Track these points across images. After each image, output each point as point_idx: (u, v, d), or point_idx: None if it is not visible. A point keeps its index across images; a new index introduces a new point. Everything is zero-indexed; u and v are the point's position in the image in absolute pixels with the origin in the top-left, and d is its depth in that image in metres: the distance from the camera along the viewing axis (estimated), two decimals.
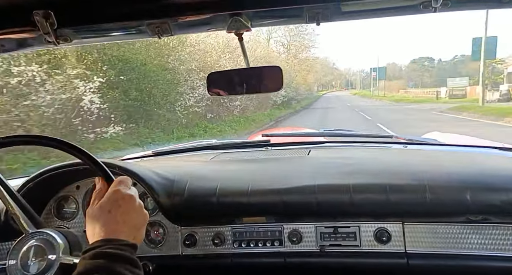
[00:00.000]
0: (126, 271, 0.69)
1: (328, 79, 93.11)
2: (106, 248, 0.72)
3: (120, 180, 0.86)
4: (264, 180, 1.24)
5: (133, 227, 0.79)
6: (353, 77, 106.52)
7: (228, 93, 1.20)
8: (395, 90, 61.05)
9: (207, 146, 1.85)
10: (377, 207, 1.14)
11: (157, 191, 1.21)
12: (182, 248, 1.23)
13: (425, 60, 78.28)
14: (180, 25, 0.85)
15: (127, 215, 0.79)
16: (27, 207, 0.99)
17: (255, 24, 0.84)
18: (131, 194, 0.83)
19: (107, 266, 0.69)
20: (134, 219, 0.80)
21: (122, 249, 0.72)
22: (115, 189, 0.82)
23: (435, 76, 67.37)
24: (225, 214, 1.22)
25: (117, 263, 0.70)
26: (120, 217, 0.78)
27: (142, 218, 0.83)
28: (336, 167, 1.29)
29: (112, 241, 0.74)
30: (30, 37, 0.86)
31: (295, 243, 1.19)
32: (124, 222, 0.78)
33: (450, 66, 68.78)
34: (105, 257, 0.70)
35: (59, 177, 1.25)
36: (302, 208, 1.17)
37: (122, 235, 0.76)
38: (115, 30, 0.89)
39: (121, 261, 0.70)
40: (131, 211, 0.80)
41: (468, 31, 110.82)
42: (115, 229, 0.76)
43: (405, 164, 1.32)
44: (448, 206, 1.10)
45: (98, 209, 0.80)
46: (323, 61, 74.90)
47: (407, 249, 1.13)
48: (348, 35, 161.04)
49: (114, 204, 0.79)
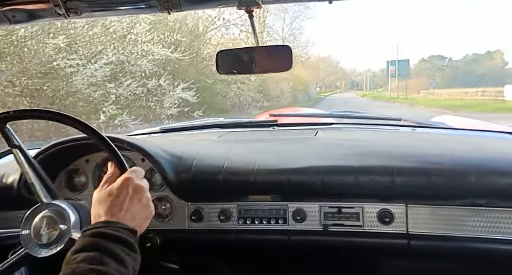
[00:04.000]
0: (122, 252, 0.70)
1: (332, 79, 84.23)
2: (106, 229, 0.73)
3: (133, 169, 0.87)
4: (271, 159, 1.24)
5: (136, 217, 0.80)
6: (359, 77, 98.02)
7: (237, 72, 1.20)
8: (414, 91, 46.32)
9: (214, 124, 1.85)
10: (382, 189, 1.14)
11: (165, 167, 1.22)
12: (189, 223, 1.26)
13: (435, 59, 73.00)
14: (190, 1, 0.84)
15: (133, 204, 0.80)
16: (44, 177, 1.00)
17: (266, 1, 0.83)
18: (141, 184, 0.84)
19: (104, 245, 0.70)
20: (139, 210, 0.81)
21: (121, 232, 0.74)
22: (127, 177, 0.83)
23: (447, 76, 62.36)
24: (231, 191, 1.23)
25: (114, 244, 0.71)
26: (126, 205, 0.79)
27: (148, 210, 0.84)
28: (342, 148, 1.29)
29: (113, 223, 0.75)
30: (40, 9, 0.86)
31: (299, 222, 1.20)
32: (128, 210, 0.79)
33: (462, 65, 65.13)
34: (103, 237, 0.71)
35: (69, 150, 1.27)
36: (307, 187, 1.18)
37: (123, 221, 0.77)
38: (125, 4, 0.89)
39: (119, 242, 0.71)
40: (138, 201, 0.81)
41: (480, 29, 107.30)
42: (118, 214, 0.77)
43: (412, 146, 1.31)
44: (454, 189, 1.10)
45: (106, 192, 0.81)
46: (326, 59, 68.81)
47: (409, 230, 1.14)
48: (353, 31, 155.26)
49: (123, 190, 0.80)
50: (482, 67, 57.31)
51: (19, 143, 0.99)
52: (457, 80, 50.50)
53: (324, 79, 72.40)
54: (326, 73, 70.74)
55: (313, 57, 39.16)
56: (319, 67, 58.65)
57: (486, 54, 64.16)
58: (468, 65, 61.98)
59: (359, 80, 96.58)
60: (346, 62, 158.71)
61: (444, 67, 67.44)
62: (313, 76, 47.69)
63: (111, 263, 0.67)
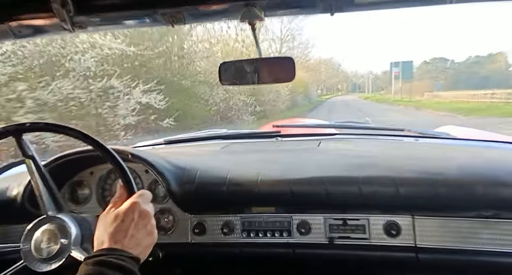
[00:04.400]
0: None
1: (333, 82, 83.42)
2: (109, 257, 0.73)
3: (141, 193, 0.87)
4: (274, 170, 1.24)
5: (140, 243, 0.79)
6: (361, 80, 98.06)
7: (240, 83, 1.20)
8: (417, 93, 44.61)
9: (218, 135, 1.86)
10: (386, 200, 1.13)
11: (168, 178, 1.22)
12: (192, 236, 1.25)
13: (438, 61, 73.05)
14: (194, 14, 0.85)
15: (138, 230, 0.80)
16: (54, 189, 1.01)
17: (269, 14, 0.84)
18: (148, 210, 0.83)
19: (107, 274, 0.70)
20: (143, 237, 0.80)
21: (125, 260, 0.73)
22: (134, 201, 0.83)
23: (450, 78, 61.85)
24: (234, 202, 1.23)
25: (117, 273, 0.70)
26: (131, 231, 0.78)
27: (152, 237, 0.83)
28: (346, 159, 1.29)
29: (116, 251, 0.75)
30: (46, 24, 0.87)
31: (304, 234, 1.19)
32: (133, 236, 0.78)
33: (465, 67, 64.97)
34: (107, 266, 0.71)
35: (74, 162, 1.28)
36: (311, 198, 1.17)
37: (127, 248, 0.76)
38: (129, 18, 0.90)
39: (122, 271, 0.71)
40: (143, 227, 0.81)
41: (482, 31, 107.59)
42: (122, 241, 0.77)
43: (415, 157, 1.31)
44: (459, 201, 1.09)
45: (112, 216, 0.81)
46: (327, 62, 68.06)
47: (417, 243, 1.13)
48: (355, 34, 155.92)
49: (129, 215, 0.80)
50: (485, 70, 57.26)
51: (33, 154, 1.00)
52: (460, 83, 50.28)
53: (326, 82, 71.86)
54: (328, 75, 70.14)
55: (314, 59, 38.79)
56: (320, 70, 58.08)
57: (488, 57, 64.20)
58: (470, 68, 61.87)
59: (361, 83, 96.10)
60: (348, 64, 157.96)
61: (446, 70, 67.21)
62: (314, 79, 46.96)
63: None
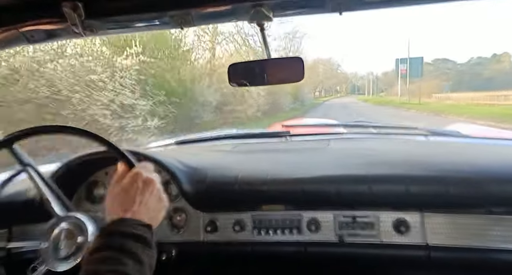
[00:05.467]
0: (139, 250, 0.71)
1: (332, 83, 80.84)
2: (121, 227, 0.74)
3: (142, 164, 0.89)
4: (284, 169, 1.25)
5: (150, 209, 0.80)
6: (360, 81, 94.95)
7: (249, 84, 1.21)
8: (424, 95, 38.31)
9: (228, 135, 1.87)
10: (396, 198, 1.13)
11: (180, 178, 1.24)
12: (204, 234, 1.26)
13: (440, 62, 71.80)
14: (203, 16, 0.86)
15: (144, 196, 0.80)
16: (58, 191, 1.03)
17: (277, 15, 0.85)
18: (152, 177, 0.84)
19: (120, 243, 0.71)
20: (152, 202, 0.81)
21: (136, 228, 0.74)
22: (137, 171, 0.84)
23: (452, 79, 58.74)
24: (245, 200, 1.24)
25: (130, 241, 0.71)
26: (138, 198, 0.79)
27: (161, 202, 0.84)
28: (356, 158, 1.29)
29: (127, 220, 0.76)
30: (58, 28, 0.89)
31: (314, 232, 1.20)
32: (141, 203, 0.79)
33: (468, 68, 63.83)
34: (119, 235, 0.72)
35: (90, 163, 1.31)
36: (321, 196, 1.18)
37: (137, 215, 0.77)
38: (139, 22, 0.91)
39: (135, 239, 0.72)
40: (150, 193, 0.82)
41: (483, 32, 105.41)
42: (132, 209, 0.78)
43: (426, 155, 1.30)
44: (470, 198, 1.08)
45: (118, 188, 0.82)
46: (326, 62, 66.15)
47: (428, 241, 1.13)
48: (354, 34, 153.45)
49: (133, 184, 0.81)
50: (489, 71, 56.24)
51: (29, 161, 1.02)
52: (464, 84, 49.33)
53: (324, 83, 69.30)
54: (326, 76, 67.83)
55: (311, 58, 36.57)
56: (318, 70, 56.24)
57: (492, 57, 63.22)
58: (473, 69, 60.68)
59: (360, 84, 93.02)
60: (347, 65, 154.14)
61: (449, 71, 66.01)
62: (311, 79, 45.22)
63: (129, 262, 0.68)
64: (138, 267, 0.69)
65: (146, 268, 0.71)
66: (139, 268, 0.69)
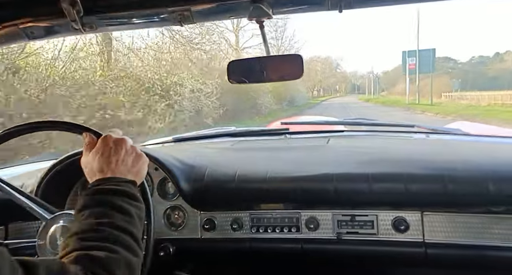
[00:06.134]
0: (124, 203, 0.73)
1: (330, 82, 77.03)
2: (103, 185, 0.76)
3: (110, 131, 0.89)
4: (283, 167, 1.25)
5: (128, 165, 0.82)
6: (360, 80, 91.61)
7: (248, 81, 1.21)
8: (434, 94, 31.34)
9: (226, 133, 1.86)
10: (395, 196, 1.13)
11: (178, 176, 1.23)
12: (202, 232, 1.26)
13: (443, 61, 68.49)
14: (202, 13, 0.86)
15: (120, 155, 0.81)
16: (32, 196, 1.04)
17: (276, 12, 0.84)
18: (122, 137, 0.85)
19: (107, 199, 0.73)
20: (129, 159, 0.82)
21: (120, 185, 0.76)
22: (106, 135, 0.85)
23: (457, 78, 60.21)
24: (243, 199, 1.24)
25: (116, 196, 0.73)
26: (113, 158, 0.80)
27: (140, 158, 0.85)
28: (355, 156, 1.29)
29: (109, 179, 0.77)
30: (57, 25, 0.89)
31: (312, 230, 1.20)
32: (117, 161, 0.80)
33: (470, 67, 62.34)
34: (104, 193, 0.74)
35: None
36: (320, 195, 1.17)
37: (118, 173, 0.79)
38: (139, 18, 0.91)
39: (120, 194, 0.74)
40: (125, 152, 0.83)
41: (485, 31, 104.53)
42: (110, 169, 0.79)
43: (426, 153, 1.30)
44: (469, 197, 1.08)
45: (90, 155, 0.83)
46: (324, 60, 63.98)
47: (426, 238, 1.13)
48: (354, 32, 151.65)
49: (105, 147, 0.82)
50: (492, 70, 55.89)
51: None
52: (468, 83, 48.87)
53: (322, 82, 67.25)
54: (325, 75, 66.06)
55: (308, 56, 34.98)
56: (316, 69, 55.18)
57: (495, 56, 62.81)
58: (475, 68, 60.06)
59: (360, 84, 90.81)
60: (347, 64, 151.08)
61: (452, 70, 65.36)
62: (309, 78, 44.39)
63: (116, 215, 0.70)
64: (128, 218, 0.71)
65: (135, 219, 0.73)
66: (129, 219, 0.72)
